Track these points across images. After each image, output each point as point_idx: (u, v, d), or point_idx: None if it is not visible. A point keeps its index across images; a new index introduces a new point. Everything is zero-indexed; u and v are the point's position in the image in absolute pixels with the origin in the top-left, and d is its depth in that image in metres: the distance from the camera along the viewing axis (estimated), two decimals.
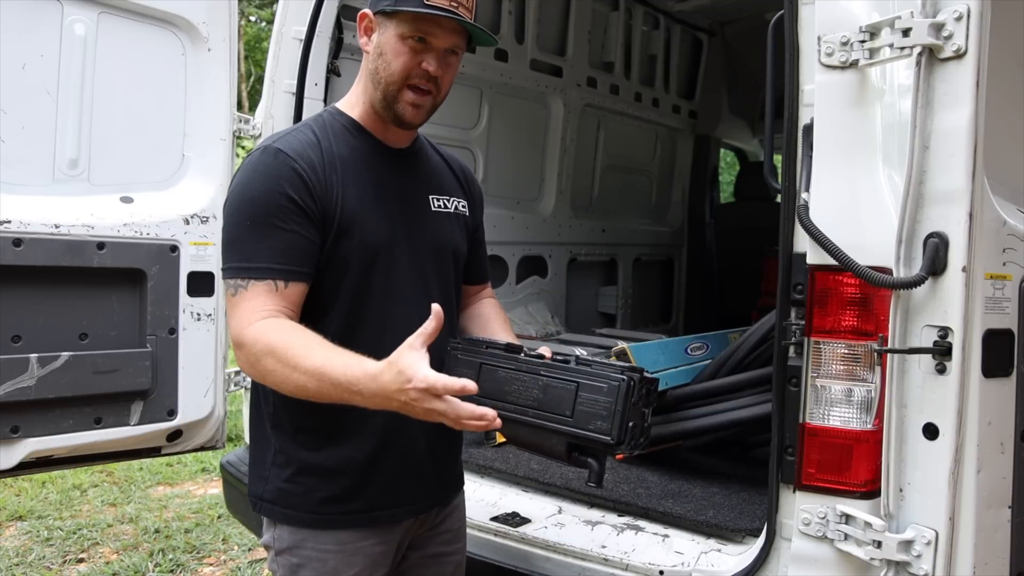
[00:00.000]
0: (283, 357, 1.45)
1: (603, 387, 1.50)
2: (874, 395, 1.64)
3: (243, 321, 1.52)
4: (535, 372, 1.56)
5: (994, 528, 1.65)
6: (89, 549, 4.11)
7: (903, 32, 1.54)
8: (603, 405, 1.49)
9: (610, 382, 1.49)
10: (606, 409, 1.48)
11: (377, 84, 1.65)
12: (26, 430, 2.23)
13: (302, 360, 1.44)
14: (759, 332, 2.73)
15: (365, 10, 1.67)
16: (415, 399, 1.36)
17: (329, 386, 1.43)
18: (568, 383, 1.53)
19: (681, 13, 4.98)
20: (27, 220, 2.21)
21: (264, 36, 18.30)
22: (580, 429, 1.50)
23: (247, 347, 1.50)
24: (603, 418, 1.48)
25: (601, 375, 1.51)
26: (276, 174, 1.56)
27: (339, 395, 1.43)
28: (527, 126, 4.31)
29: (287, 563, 1.67)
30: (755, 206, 5.41)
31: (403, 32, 1.60)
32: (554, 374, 1.54)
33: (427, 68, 1.61)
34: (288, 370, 1.45)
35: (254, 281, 1.53)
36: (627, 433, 1.48)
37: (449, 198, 1.83)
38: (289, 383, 1.47)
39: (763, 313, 3.03)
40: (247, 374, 1.57)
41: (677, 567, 2.04)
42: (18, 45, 2.25)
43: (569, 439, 1.53)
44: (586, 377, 1.52)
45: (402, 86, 1.62)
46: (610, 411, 1.48)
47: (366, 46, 1.67)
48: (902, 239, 1.56)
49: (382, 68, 1.63)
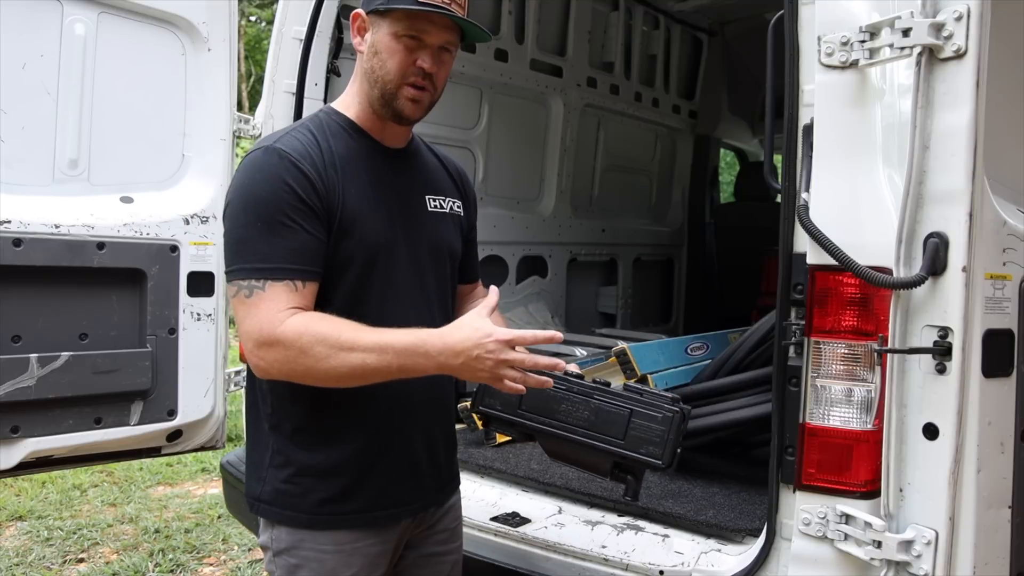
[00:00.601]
0: (337, 342, 1.47)
1: (657, 416, 1.70)
2: (874, 395, 1.64)
3: (273, 320, 1.50)
4: (588, 395, 1.74)
5: (994, 528, 1.65)
6: (89, 549, 4.11)
7: (903, 32, 1.54)
8: (656, 433, 1.68)
9: (664, 412, 1.69)
10: (659, 437, 1.68)
11: (374, 83, 1.65)
12: (26, 430, 2.23)
13: (359, 339, 1.47)
14: (759, 332, 2.73)
15: (358, 10, 1.67)
16: (492, 350, 1.46)
17: (392, 355, 1.47)
18: (621, 408, 1.72)
19: (681, 13, 4.98)
20: (27, 220, 2.21)
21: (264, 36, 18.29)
22: (632, 452, 1.69)
23: (287, 342, 1.48)
24: (656, 444, 1.68)
25: (654, 405, 1.71)
26: (281, 173, 1.55)
27: (400, 362, 1.47)
28: (527, 126, 4.31)
29: (285, 564, 1.67)
30: (755, 206, 5.41)
31: (397, 30, 1.61)
32: (607, 399, 1.73)
33: (422, 65, 1.62)
34: (344, 353, 1.46)
35: (272, 282, 1.52)
36: (675, 458, 1.69)
37: (445, 198, 1.83)
38: (344, 366, 1.47)
39: (763, 313, 3.03)
40: (278, 372, 1.53)
41: (677, 567, 2.04)
42: (18, 45, 2.25)
43: (617, 459, 1.70)
44: (639, 405, 1.72)
45: (400, 84, 1.63)
46: (663, 439, 1.68)
47: (360, 46, 1.67)
48: (902, 239, 1.56)
49: (378, 67, 1.64)
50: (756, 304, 4.65)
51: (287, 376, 1.55)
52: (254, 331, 1.51)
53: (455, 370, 1.50)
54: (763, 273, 4.79)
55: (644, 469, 1.72)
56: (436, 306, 1.76)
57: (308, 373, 1.51)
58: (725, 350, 2.89)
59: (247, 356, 1.56)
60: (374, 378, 1.51)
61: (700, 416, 2.69)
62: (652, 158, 5.25)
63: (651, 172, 5.29)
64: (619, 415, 1.71)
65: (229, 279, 1.57)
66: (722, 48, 5.42)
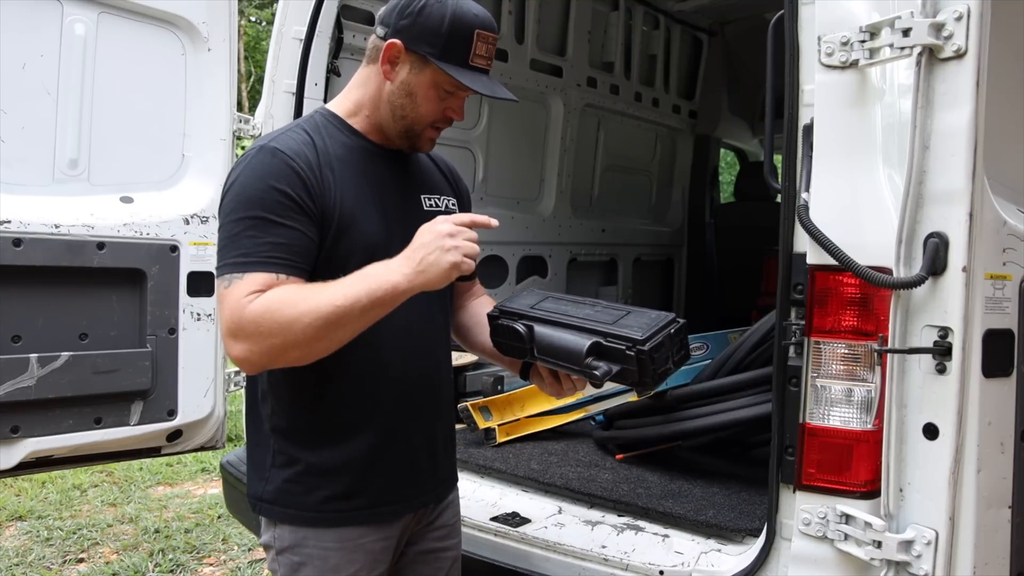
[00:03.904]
0: (301, 297, 1.44)
1: (651, 314, 1.66)
2: (874, 395, 1.64)
3: (240, 303, 1.45)
4: (595, 303, 1.73)
5: (994, 528, 1.65)
6: (89, 549, 4.12)
7: (903, 32, 1.54)
8: (646, 321, 1.63)
9: (660, 313, 1.66)
10: (648, 323, 1.62)
11: (399, 119, 1.67)
12: (26, 430, 2.23)
13: (323, 288, 1.46)
14: (759, 332, 2.73)
15: (396, 41, 1.61)
16: (440, 228, 1.50)
17: (357, 282, 1.46)
18: (621, 309, 1.69)
19: (681, 13, 4.98)
20: (27, 220, 2.21)
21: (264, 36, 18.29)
22: (615, 330, 1.61)
23: (257, 318, 1.43)
24: (642, 329, 1.60)
25: (653, 311, 1.67)
26: (274, 172, 1.55)
27: (367, 287, 1.45)
28: (527, 126, 4.31)
29: (288, 562, 1.67)
30: (755, 206, 5.41)
31: (439, 82, 1.63)
32: (611, 305, 1.72)
33: (452, 116, 1.70)
34: (312, 305, 1.43)
35: (251, 273, 1.48)
36: (656, 350, 1.58)
37: (440, 197, 1.84)
38: (319, 318, 1.43)
39: (763, 313, 3.03)
40: (258, 356, 1.47)
41: (677, 567, 2.04)
42: (18, 45, 2.25)
43: (599, 338, 1.61)
44: (638, 310, 1.68)
45: (426, 127, 1.69)
46: (650, 326, 1.61)
47: (389, 75, 1.65)
48: (902, 239, 1.56)
49: (408, 108, 1.66)
50: (756, 304, 4.65)
51: (270, 359, 1.49)
52: (226, 321, 1.47)
53: (412, 267, 1.48)
54: (763, 273, 4.79)
55: (621, 355, 1.60)
56: (436, 305, 1.76)
57: (289, 344, 1.45)
58: (725, 350, 2.89)
59: (227, 352, 1.51)
60: (352, 321, 1.46)
61: (700, 416, 2.69)
62: (652, 158, 5.25)
63: (651, 172, 5.29)
64: (617, 311, 1.69)
65: (216, 276, 1.54)
66: (722, 48, 5.42)
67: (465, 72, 1.60)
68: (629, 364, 1.59)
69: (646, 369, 1.58)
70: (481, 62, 1.63)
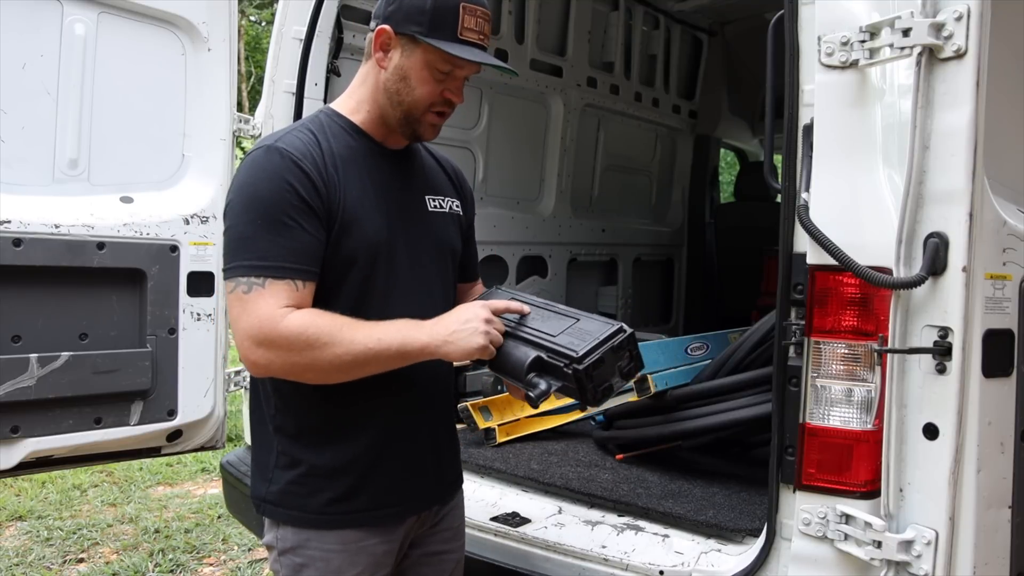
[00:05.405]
0: (340, 332, 1.50)
1: (597, 323, 1.63)
2: (874, 395, 1.64)
3: (273, 316, 1.49)
4: (552, 308, 1.70)
5: (994, 528, 1.65)
6: (89, 549, 4.12)
7: (903, 32, 1.54)
8: (588, 333, 1.60)
9: (606, 323, 1.63)
10: (590, 335, 1.59)
11: (396, 105, 1.67)
12: (26, 430, 2.23)
13: (360, 326, 1.52)
14: (759, 332, 2.73)
15: (384, 26, 1.63)
16: (478, 312, 1.58)
17: (396, 336, 1.52)
18: (572, 317, 1.66)
19: (681, 13, 4.98)
20: (27, 220, 2.21)
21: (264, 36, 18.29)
22: (556, 344, 1.59)
23: (290, 338, 1.49)
24: (584, 342, 1.57)
25: (602, 319, 1.65)
26: (283, 172, 1.55)
27: (401, 339, 1.53)
28: (527, 126, 4.31)
29: (290, 563, 1.68)
30: (755, 206, 5.40)
31: (431, 61, 1.62)
32: (564, 310, 1.69)
33: (450, 97, 1.67)
34: (348, 341, 1.50)
35: (272, 280, 1.51)
36: (593, 366, 1.55)
37: (444, 198, 1.84)
38: (349, 354, 1.50)
39: (763, 313, 3.03)
40: (278, 368, 1.54)
41: (677, 567, 2.04)
42: (18, 45, 2.25)
43: (541, 352, 1.59)
44: (589, 317, 1.66)
45: (425, 111, 1.67)
46: (593, 338, 1.58)
47: (382, 62, 1.66)
48: (902, 239, 1.56)
49: (404, 92, 1.65)
50: (756, 304, 4.65)
51: (286, 372, 1.55)
52: (253, 328, 1.51)
53: (444, 334, 1.55)
54: (763, 273, 4.79)
55: (560, 372, 1.57)
56: (439, 305, 1.76)
57: (311, 367, 1.51)
58: (725, 350, 2.89)
59: (243, 353, 1.54)
60: (375, 364, 1.53)
61: (700, 416, 2.70)
62: (652, 158, 5.25)
63: (651, 172, 5.29)
64: (567, 319, 1.66)
65: (227, 276, 1.55)
66: (722, 48, 5.42)
67: (455, 45, 1.60)
68: (568, 381, 1.57)
69: (584, 387, 1.56)
70: (472, 35, 1.61)
